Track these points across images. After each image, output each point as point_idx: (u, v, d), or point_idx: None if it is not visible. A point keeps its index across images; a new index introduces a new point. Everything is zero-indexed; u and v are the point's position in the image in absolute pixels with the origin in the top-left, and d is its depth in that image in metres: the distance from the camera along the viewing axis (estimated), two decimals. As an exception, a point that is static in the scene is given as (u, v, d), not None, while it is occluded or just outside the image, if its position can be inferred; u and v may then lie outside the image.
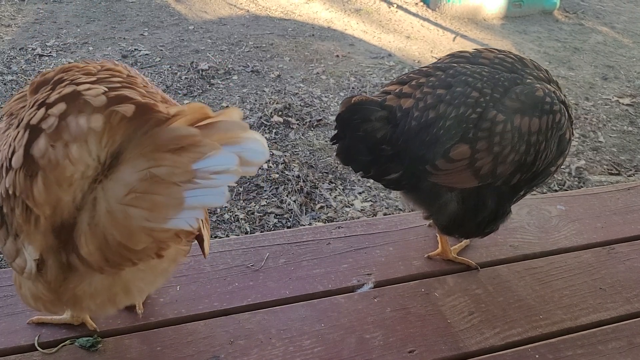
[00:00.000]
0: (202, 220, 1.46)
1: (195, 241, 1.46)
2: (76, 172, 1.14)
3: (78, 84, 1.17)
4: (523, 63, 1.79)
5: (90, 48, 5.80)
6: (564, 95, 1.79)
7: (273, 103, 4.86)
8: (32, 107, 1.19)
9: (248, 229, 3.45)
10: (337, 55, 6.08)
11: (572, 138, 1.79)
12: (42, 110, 1.15)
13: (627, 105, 5.49)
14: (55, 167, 1.12)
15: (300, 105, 4.91)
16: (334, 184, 3.93)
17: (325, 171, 4.06)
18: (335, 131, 1.73)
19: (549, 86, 1.75)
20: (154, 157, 1.14)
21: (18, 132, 1.18)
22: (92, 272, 1.26)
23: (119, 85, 1.20)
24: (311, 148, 4.31)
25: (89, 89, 1.15)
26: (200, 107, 1.18)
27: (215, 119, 1.16)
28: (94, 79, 1.20)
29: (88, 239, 1.18)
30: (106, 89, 1.15)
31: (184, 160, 1.12)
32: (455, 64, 1.78)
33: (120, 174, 1.15)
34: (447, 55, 1.88)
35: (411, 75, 1.79)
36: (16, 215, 1.20)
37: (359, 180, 3.98)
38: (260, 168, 4.00)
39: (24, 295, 1.36)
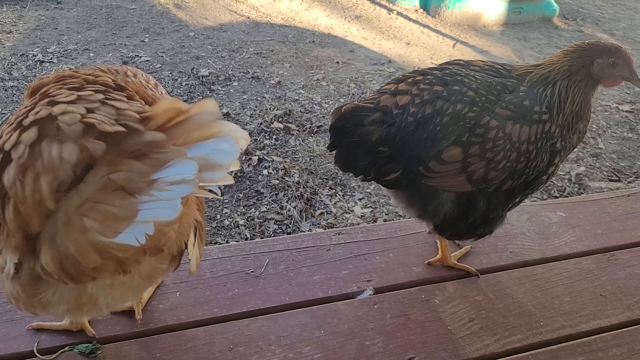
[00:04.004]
0: (195, 238, 1.45)
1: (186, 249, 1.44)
2: (44, 206, 1.11)
3: (55, 104, 1.15)
4: (506, 69, 1.82)
5: (91, 54, 5.81)
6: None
7: (273, 109, 4.86)
8: (12, 124, 1.17)
9: (248, 235, 3.44)
10: (337, 62, 6.10)
11: (563, 149, 1.79)
12: (16, 134, 1.13)
13: (627, 112, 5.50)
14: (24, 202, 1.11)
15: (300, 111, 4.92)
16: (334, 190, 3.93)
17: (325, 177, 4.06)
18: (331, 140, 1.74)
19: (540, 89, 1.75)
20: (114, 163, 1.10)
21: None
22: (56, 282, 1.23)
23: (98, 104, 1.17)
24: (311, 154, 4.31)
25: (64, 112, 1.12)
26: (172, 102, 1.14)
27: (188, 114, 1.12)
28: (74, 96, 1.18)
29: (46, 250, 1.15)
30: (84, 112, 1.12)
31: (144, 167, 1.08)
32: (450, 67, 1.81)
33: (83, 183, 1.12)
34: (443, 62, 1.91)
35: (407, 74, 1.82)
36: None
37: (359, 186, 3.98)
38: (260, 174, 4.00)
39: (6, 294, 1.35)
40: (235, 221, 3.56)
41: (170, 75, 5.46)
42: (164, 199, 1.08)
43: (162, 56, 5.87)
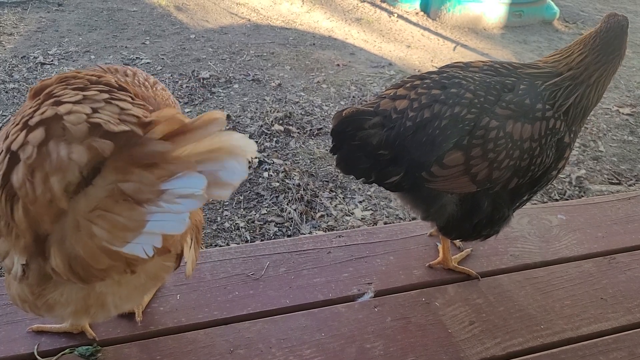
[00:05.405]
0: (192, 241, 1.45)
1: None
2: (56, 205, 1.11)
3: (60, 104, 1.15)
4: (505, 67, 1.82)
5: (92, 56, 5.82)
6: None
7: (274, 112, 4.87)
8: (17, 124, 1.17)
9: (248, 238, 3.44)
10: (338, 64, 6.10)
11: (572, 142, 1.80)
12: (23, 134, 1.13)
13: (627, 114, 5.50)
14: (34, 202, 1.11)
15: (300, 114, 4.92)
16: (334, 193, 3.92)
17: (326, 180, 4.06)
18: (333, 144, 1.75)
19: (544, 85, 1.75)
20: (123, 171, 1.10)
21: (1, 152, 1.16)
22: (65, 282, 1.24)
23: (103, 104, 1.17)
24: (312, 157, 4.31)
25: (69, 112, 1.12)
26: (172, 115, 1.13)
27: (192, 126, 1.11)
28: (80, 96, 1.18)
29: (56, 251, 1.15)
30: (90, 112, 1.13)
31: (153, 177, 1.08)
32: (448, 70, 1.82)
33: (91, 187, 1.12)
34: (442, 66, 1.91)
35: (406, 79, 1.83)
36: (1, 225, 1.19)
37: (359, 188, 3.98)
38: (260, 177, 4.00)
39: (12, 295, 1.35)
40: (236, 223, 3.56)
41: (170, 77, 5.47)
42: (172, 211, 1.08)
43: (162, 58, 5.88)
